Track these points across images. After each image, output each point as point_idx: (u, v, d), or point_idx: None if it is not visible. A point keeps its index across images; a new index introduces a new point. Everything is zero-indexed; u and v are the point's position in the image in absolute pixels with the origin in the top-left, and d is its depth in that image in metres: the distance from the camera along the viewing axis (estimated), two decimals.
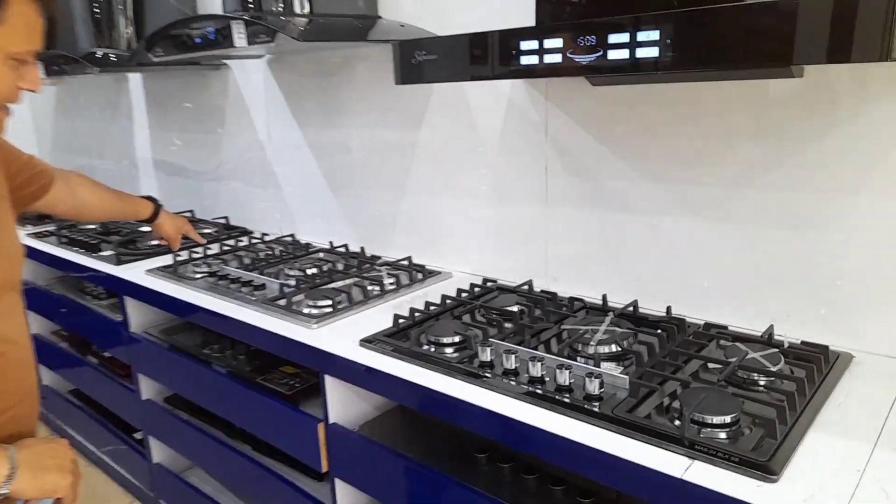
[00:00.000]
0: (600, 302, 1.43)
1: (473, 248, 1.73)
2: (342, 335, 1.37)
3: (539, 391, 1.07)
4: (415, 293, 1.63)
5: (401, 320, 1.38)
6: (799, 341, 1.19)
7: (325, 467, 1.42)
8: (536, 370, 1.11)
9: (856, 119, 1.10)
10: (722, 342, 1.21)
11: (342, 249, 1.98)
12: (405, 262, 1.80)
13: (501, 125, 1.57)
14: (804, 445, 0.90)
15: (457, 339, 1.28)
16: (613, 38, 0.91)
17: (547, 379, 1.11)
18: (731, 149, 1.24)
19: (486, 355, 1.18)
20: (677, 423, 0.95)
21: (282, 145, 2.17)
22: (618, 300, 1.43)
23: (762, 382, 1.07)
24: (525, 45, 1.00)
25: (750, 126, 1.21)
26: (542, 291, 1.53)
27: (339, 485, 1.41)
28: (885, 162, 1.09)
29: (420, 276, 1.71)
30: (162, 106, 2.61)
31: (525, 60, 1.01)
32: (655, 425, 0.95)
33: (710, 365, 1.13)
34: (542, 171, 1.52)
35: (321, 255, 1.99)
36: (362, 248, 1.95)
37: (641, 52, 0.89)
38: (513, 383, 1.10)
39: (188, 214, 2.47)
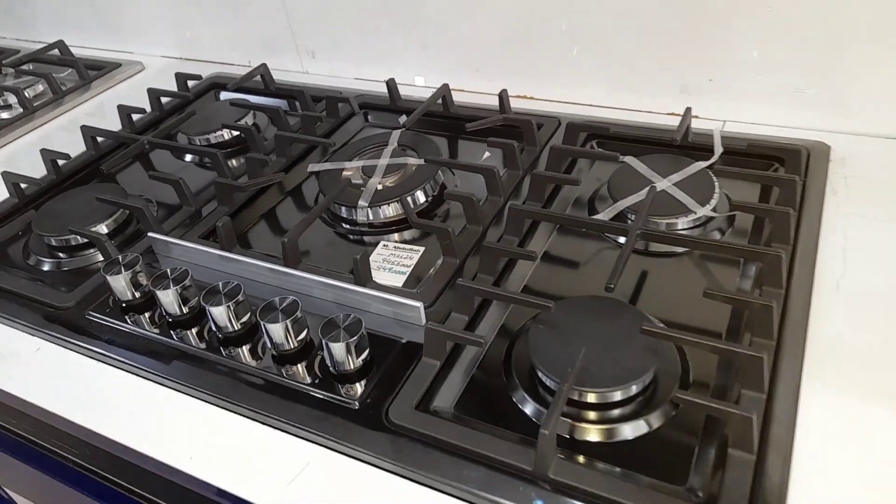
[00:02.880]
0: (384, 91, 0.78)
1: (169, 13, 0.95)
2: None
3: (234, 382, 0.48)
4: (58, 121, 0.89)
5: None
6: (737, 133, 0.63)
7: None
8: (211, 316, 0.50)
9: None
10: (597, 147, 0.64)
11: None
12: (54, 54, 1.00)
13: None
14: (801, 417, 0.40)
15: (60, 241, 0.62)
16: None
17: (232, 328, 0.51)
18: None
19: (121, 284, 0.54)
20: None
21: None
22: (427, 83, 0.79)
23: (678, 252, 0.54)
24: None
25: None
26: (283, 86, 0.83)
27: None
28: None
29: (73, 78, 0.95)
30: None
31: None
32: (454, 436, 0.41)
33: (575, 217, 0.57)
34: None
35: None
36: None
37: None
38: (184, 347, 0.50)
39: None
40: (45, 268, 0.63)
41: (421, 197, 0.62)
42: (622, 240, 0.54)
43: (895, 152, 0.61)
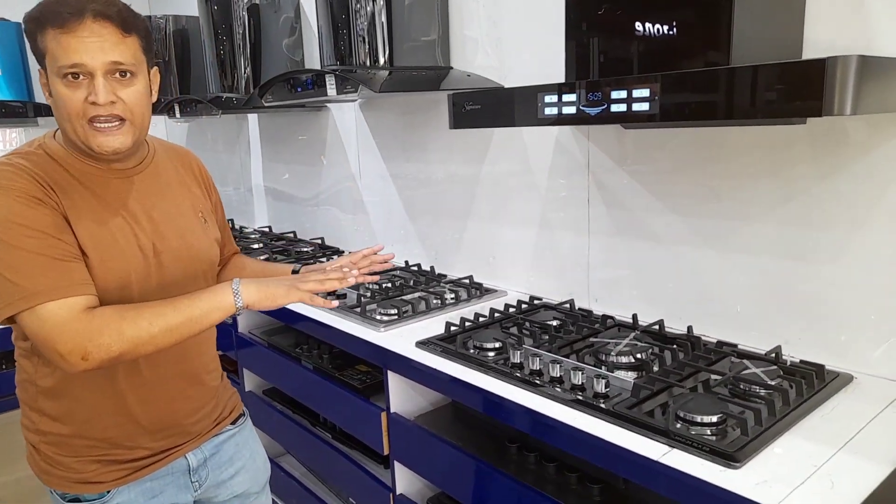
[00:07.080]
0: (631, 321, 1.59)
1: (525, 269, 1.93)
2: (403, 338, 1.62)
3: (558, 389, 1.26)
4: (472, 307, 1.86)
5: (452, 327, 1.61)
6: (800, 361, 1.30)
7: (386, 450, 1.66)
8: (556, 371, 1.30)
9: (856, 161, 1.22)
10: (731, 359, 1.34)
11: (415, 268, 2.24)
12: (466, 281, 2.03)
13: (550, 162, 1.78)
14: (776, 444, 1.04)
15: (496, 344, 1.49)
16: (615, 94, 1.12)
17: (565, 379, 1.29)
18: (747, 186, 1.38)
19: (516, 358, 1.38)
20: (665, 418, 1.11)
21: (369, 177, 2.48)
22: (647, 319, 1.59)
23: (762, 393, 1.20)
24: (547, 98, 1.22)
25: (764, 166, 1.35)
26: (580, 309, 1.70)
27: (398, 467, 1.65)
28: (884, 198, 1.20)
29: (477, 292, 1.94)
30: (273, 141, 3.03)
31: (547, 111, 1.23)
32: (646, 419, 1.11)
33: (714, 376, 1.27)
34: (584, 203, 1.71)
35: (398, 272, 2.26)
36: (432, 267, 2.20)
37: (636, 107, 1.09)
38: (537, 382, 1.30)
39: (290, 234, 2.86)
40: (471, 351, 1.50)
41: (640, 355, 1.38)
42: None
43: (884, 385, 1.21)
